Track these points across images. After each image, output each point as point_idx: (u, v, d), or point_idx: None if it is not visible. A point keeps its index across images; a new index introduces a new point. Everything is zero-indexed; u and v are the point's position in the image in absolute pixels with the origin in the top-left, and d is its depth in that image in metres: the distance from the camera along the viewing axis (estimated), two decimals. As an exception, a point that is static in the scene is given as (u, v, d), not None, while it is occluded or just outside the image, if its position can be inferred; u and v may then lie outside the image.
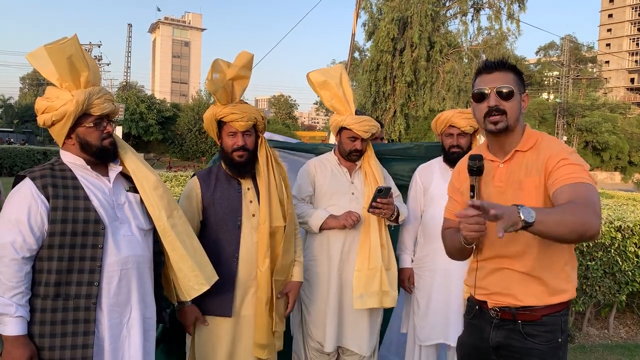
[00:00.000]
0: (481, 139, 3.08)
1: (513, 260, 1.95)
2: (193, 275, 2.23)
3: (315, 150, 3.54)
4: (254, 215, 2.62)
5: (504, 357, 2.00)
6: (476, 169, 1.84)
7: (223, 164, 2.69)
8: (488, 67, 1.97)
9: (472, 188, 1.85)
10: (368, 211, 2.90)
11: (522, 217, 1.57)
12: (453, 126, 3.08)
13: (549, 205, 1.84)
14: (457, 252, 2.09)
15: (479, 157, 1.85)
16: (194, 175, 2.72)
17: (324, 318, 2.97)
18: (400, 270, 3.16)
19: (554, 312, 1.93)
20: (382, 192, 2.81)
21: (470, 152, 2.08)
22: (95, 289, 2.00)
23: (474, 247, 2.04)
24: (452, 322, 2.97)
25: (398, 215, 3.01)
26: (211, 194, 2.62)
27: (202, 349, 2.57)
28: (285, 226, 2.65)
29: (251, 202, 2.64)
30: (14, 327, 1.89)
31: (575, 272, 1.99)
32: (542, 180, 1.88)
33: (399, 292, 3.11)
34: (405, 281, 3.20)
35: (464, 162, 2.09)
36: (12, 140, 36.76)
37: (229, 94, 2.55)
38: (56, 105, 2.01)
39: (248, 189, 2.66)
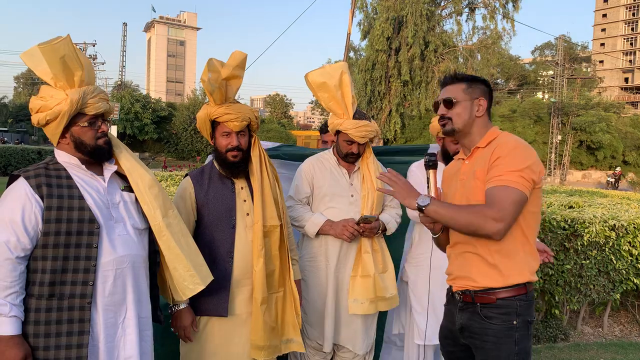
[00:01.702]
0: None
1: (471, 245, 2.14)
2: (188, 275, 2.23)
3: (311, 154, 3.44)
4: (248, 214, 2.61)
5: (467, 338, 2.19)
6: (430, 163, 2.19)
7: (216, 164, 2.68)
8: (443, 83, 2.29)
9: (428, 180, 2.21)
10: None
11: (417, 202, 2.05)
12: None
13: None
14: (435, 242, 2.40)
15: (434, 154, 2.21)
16: (186, 175, 2.71)
17: (321, 318, 2.97)
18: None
19: (510, 296, 2.08)
20: (366, 221, 2.90)
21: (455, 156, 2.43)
22: (90, 289, 1.99)
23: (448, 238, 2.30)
24: None
25: (385, 229, 3.04)
26: (205, 193, 2.61)
27: (196, 350, 2.56)
28: (281, 225, 2.65)
29: (245, 201, 2.63)
30: (8, 326, 1.87)
31: (535, 260, 2.14)
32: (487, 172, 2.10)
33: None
34: None
35: (449, 167, 2.40)
36: (6, 139, 36.60)
37: (223, 93, 2.53)
38: (50, 105, 2.01)
39: (242, 188, 2.65)
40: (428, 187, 2.19)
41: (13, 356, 1.86)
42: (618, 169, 34.37)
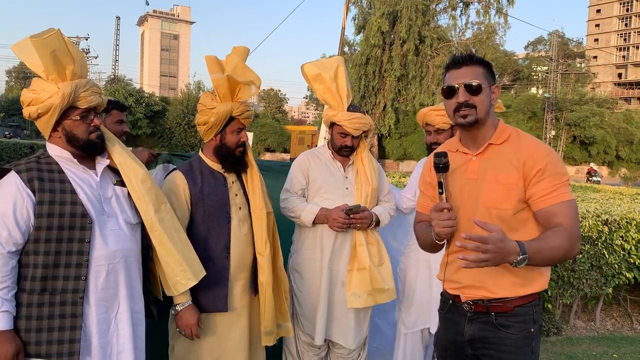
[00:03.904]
0: None
1: None
2: (180, 270, 2.22)
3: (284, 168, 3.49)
4: (240, 208, 2.62)
5: (478, 349, 2.01)
6: (442, 166, 1.89)
7: (213, 160, 2.63)
8: (456, 62, 1.98)
9: (440, 185, 1.90)
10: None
11: (518, 259, 1.71)
12: (429, 124, 3.11)
13: (521, 205, 1.91)
14: (429, 246, 2.12)
15: (444, 154, 1.91)
16: (174, 169, 2.64)
17: (316, 311, 2.98)
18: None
19: (526, 303, 1.96)
20: (352, 211, 2.86)
21: (441, 146, 2.17)
22: (82, 284, 1.98)
23: (445, 242, 2.07)
24: (435, 309, 3.01)
25: (379, 222, 3.03)
26: (199, 189, 2.57)
27: (194, 347, 2.54)
28: (272, 213, 2.71)
29: (236, 195, 2.64)
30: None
31: (548, 266, 2.02)
32: (520, 180, 1.91)
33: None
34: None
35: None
36: (11, 134, 36.41)
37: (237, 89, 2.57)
38: (42, 98, 1.98)
39: (232, 182, 2.66)
40: (441, 192, 1.90)
41: (5, 351, 1.85)
42: (592, 165, 33.80)
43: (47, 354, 1.93)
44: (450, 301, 2.10)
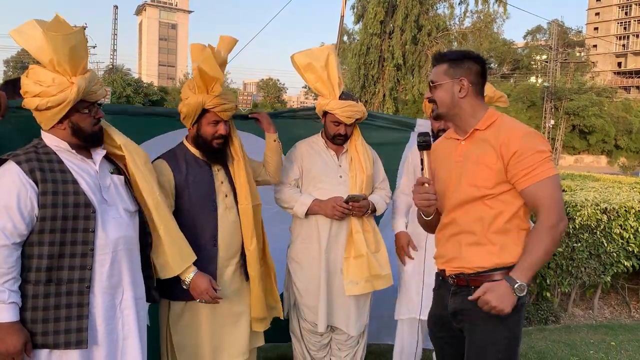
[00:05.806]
0: None
1: (461, 226, 2.12)
2: (185, 245, 2.34)
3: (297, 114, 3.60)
4: (226, 196, 2.64)
5: (459, 322, 2.15)
6: (424, 144, 2.06)
7: (194, 149, 2.62)
8: (432, 63, 2.21)
9: (422, 162, 2.08)
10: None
11: (517, 295, 1.92)
12: None
13: (505, 186, 2.03)
14: (424, 224, 2.31)
15: (426, 134, 2.09)
16: (157, 158, 2.58)
17: (317, 300, 3.01)
18: (396, 237, 3.21)
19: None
20: (353, 199, 2.90)
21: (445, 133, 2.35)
22: (88, 273, 2.00)
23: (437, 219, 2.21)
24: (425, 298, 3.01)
25: (375, 209, 3.06)
26: (184, 178, 2.55)
27: (190, 336, 2.57)
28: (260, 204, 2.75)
29: (222, 183, 2.65)
30: (7, 313, 1.87)
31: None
32: (499, 161, 2.02)
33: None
34: (402, 248, 3.16)
35: (439, 146, 2.29)
36: None
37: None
38: (52, 91, 1.96)
39: (218, 170, 2.66)
40: (422, 168, 2.07)
41: (14, 343, 1.86)
42: None
43: (55, 343, 1.94)
44: (440, 277, 2.25)
